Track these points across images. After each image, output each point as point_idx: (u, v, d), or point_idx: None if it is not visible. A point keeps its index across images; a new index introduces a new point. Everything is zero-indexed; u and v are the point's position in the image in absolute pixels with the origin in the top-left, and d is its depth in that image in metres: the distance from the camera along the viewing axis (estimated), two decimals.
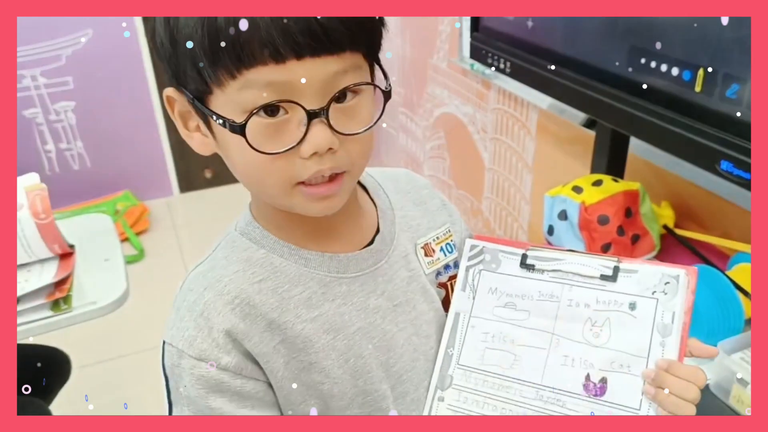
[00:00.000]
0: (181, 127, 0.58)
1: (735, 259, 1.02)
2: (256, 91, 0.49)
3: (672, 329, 0.58)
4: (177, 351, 0.57)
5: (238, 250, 0.61)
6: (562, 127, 1.56)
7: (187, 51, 0.49)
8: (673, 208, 1.18)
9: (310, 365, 0.60)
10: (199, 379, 0.57)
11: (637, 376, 0.58)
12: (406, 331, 0.65)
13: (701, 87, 0.79)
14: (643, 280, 0.60)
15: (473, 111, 1.95)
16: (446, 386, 0.64)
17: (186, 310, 0.59)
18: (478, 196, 2.06)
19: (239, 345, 0.57)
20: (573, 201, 1.08)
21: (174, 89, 0.55)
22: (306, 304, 0.60)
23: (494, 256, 0.67)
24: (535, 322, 0.63)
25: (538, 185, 1.72)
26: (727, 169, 0.77)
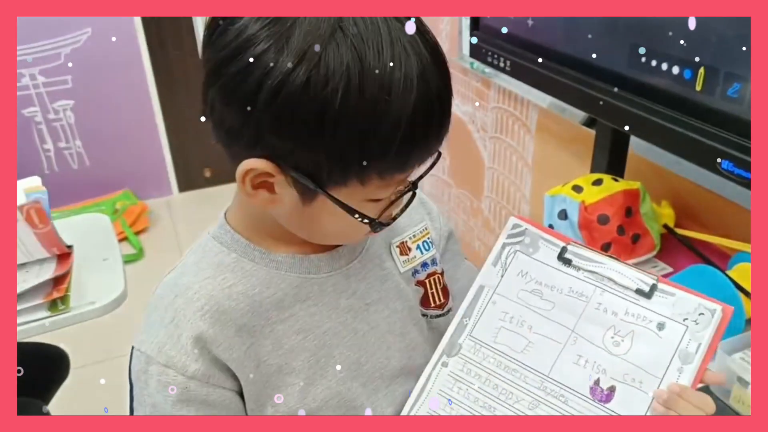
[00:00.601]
0: (247, 188, 0.53)
1: (735, 258, 1.02)
2: (390, 187, 0.54)
3: (694, 358, 0.58)
4: (145, 357, 0.58)
5: (210, 255, 0.61)
6: (563, 126, 1.55)
7: (354, 152, 0.48)
8: (673, 207, 1.18)
9: (280, 367, 0.60)
10: (166, 386, 0.56)
11: (646, 393, 0.58)
12: (379, 330, 0.65)
13: (702, 86, 0.79)
14: (678, 305, 0.60)
15: (473, 110, 1.95)
16: (453, 353, 0.64)
17: (157, 316, 0.59)
18: (478, 196, 2.05)
19: (207, 352, 0.57)
20: (573, 200, 1.07)
21: (271, 163, 0.50)
22: (277, 306, 0.61)
23: (534, 241, 0.66)
24: (558, 315, 0.63)
25: (538, 184, 1.71)
26: (728, 168, 0.77)
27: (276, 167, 0.51)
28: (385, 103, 0.47)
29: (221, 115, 0.50)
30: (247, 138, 0.50)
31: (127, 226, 2.67)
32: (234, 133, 0.51)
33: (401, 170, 0.52)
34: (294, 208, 0.55)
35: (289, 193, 0.53)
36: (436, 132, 0.52)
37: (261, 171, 0.51)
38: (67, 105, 2.69)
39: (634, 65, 0.89)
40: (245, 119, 0.48)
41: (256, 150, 0.50)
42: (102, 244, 1.23)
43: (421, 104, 0.48)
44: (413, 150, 0.50)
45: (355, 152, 0.48)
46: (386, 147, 0.48)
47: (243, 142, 0.50)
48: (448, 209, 2.30)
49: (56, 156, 2.77)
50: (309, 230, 0.59)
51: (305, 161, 0.50)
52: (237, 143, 0.51)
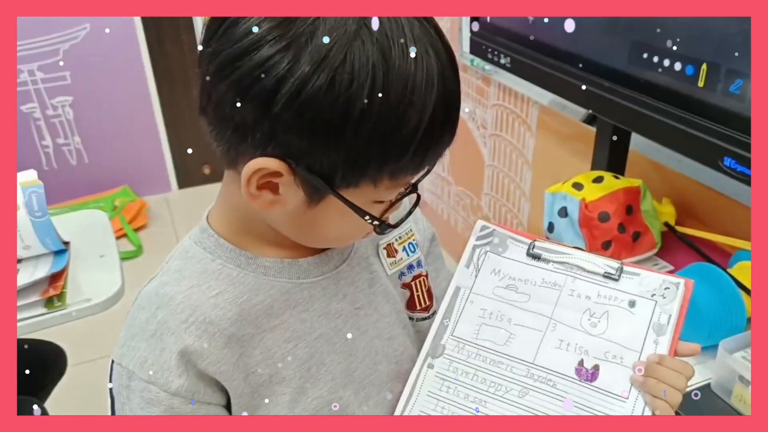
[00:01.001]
0: (252, 188, 0.51)
1: (737, 256, 1.01)
2: (397, 189, 0.54)
3: (667, 330, 0.61)
4: (127, 372, 0.55)
5: (192, 262, 0.58)
6: (563, 124, 1.55)
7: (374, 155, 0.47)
8: (674, 205, 1.17)
9: (270, 377, 0.58)
10: (150, 403, 0.54)
11: (628, 367, 0.61)
12: (367, 335, 0.64)
13: (704, 82, 0.78)
14: (644, 283, 0.64)
15: (473, 107, 1.94)
16: (437, 354, 0.65)
17: (138, 329, 0.56)
18: (478, 193, 2.05)
19: (192, 366, 0.54)
20: (573, 198, 1.07)
21: (282, 163, 0.48)
22: (267, 313, 0.58)
23: (502, 241, 0.69)
24: (535, 305, 0.65)
25: (538, 182, 1.71)
26: (730, 166, 0.76)
27: (287, 167, 0.48)
28: (409, 103, 0.46)
29: (231, 111, 0.47)
30: (261, 136, 0.47)
31: (126, 223, 2.66)
32: (244, 130, 0.48)
33: (414, 171, 0.52)
34: (296, 210, 0.53)
35: (294, 194, 0.51)
36: (450, 133, 0.51)
37: (271, 171, 0.49)
38: (66, 101, 2.68)
39: (635, 61, 0.88)
40: (260, 116, 0.46)
41: (268, 149, 0.48)
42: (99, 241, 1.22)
43: (440, 105, 0.48)
44: (429, 151, 0.50)
45: (375, 153, 0.47)
46: (405, 148, 0.48)
47: (254, 140, 0.48)
48: (447, 207, 2.30)
49: (55, 152, 2.75)
50: (307, 233, 0.57)
51: (321, 162, 0.48)
52: (245, 141, 0.48)
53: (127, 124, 2.81)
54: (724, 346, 0.84)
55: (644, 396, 0.59)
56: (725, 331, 0.88)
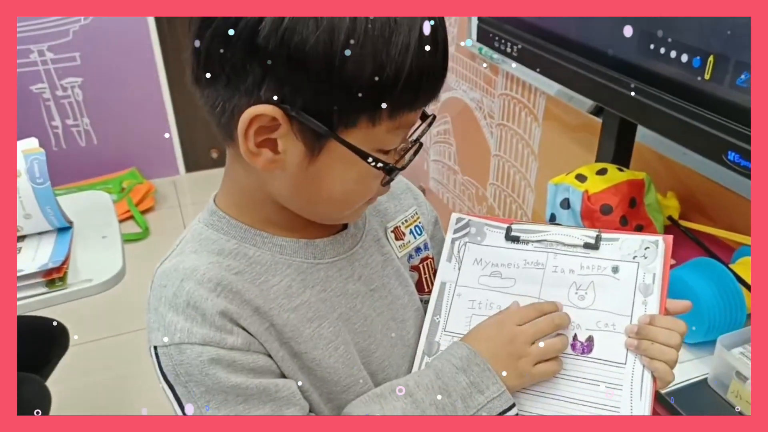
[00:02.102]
0: (250, 143, 0.50)
1: (740, 252, 1.01)
2: (401, 131, 0.53)
3: (653, 289, 0.62)
4: (175, 347, 0.52)
5: (207, 243, 0.58)
6: (570, 114, 1.53)
7: (366, 82, 0.47)
8: (679, 198, 1.16)
9: (302, 354, 0.58)
10: (211, 362, 0.52)
11: (621, 333, 0.61)
12: (383, 316, 0.64)
13: (711, 74, 0.77)
14: (624, 247, 0.64)
15: (480, 96, 1.93)
16: (433, 352, 0.65)
17: (168, 305, 0.54)
18: (483, 183, 2.04)
19: (236, 323, 0.54)
20: (576, 189, 1.06)
21: (277, 108, 0.48)
22: (286, 294, 0.58)
23: (479, 230, 0.69)
24: (521, 288, 0.65)
25: (543, 173, 1.70)
26: (734, 160, 0.75)
27: (283, 114, 0.48)
28: (396, 25, 0.46)
29: (221, 58, 0.47)
30: (252, 79, 0.47)
31: (133, 205, 2.67)
32: (235, 79, 0.48)
33: (411, 106, 0.51)
34: (297, 170, 0.52)
35: (294, 148, 0.51)
36: (442, 65, 0.51)
37: (267, 118, 0.48)
38: (75, 82, 2.69)
39: (642, 52, 0.87)
40: (247, 55, 0.46)
41: (261, 93, 0.48)
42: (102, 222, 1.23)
43: (429, 33, 0.48)
44: (421, 82, 0.49)
45: (366, 83, 0.47)
46: (396, 76, 0.47)
47: (245, 86, 0.48)
48: (453, 196, 2.29)
49: (64, 133, 2.77)
50: (312, 198, 0.55)
51: (315, 100, 0.48)
52: (238, 91, 0.48)
53: (135, 107, 2.82)
54: (722, 342, 0.84)
55: (641, 359, 0.59)
56: (725, 326, 0.88)
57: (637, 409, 0.58)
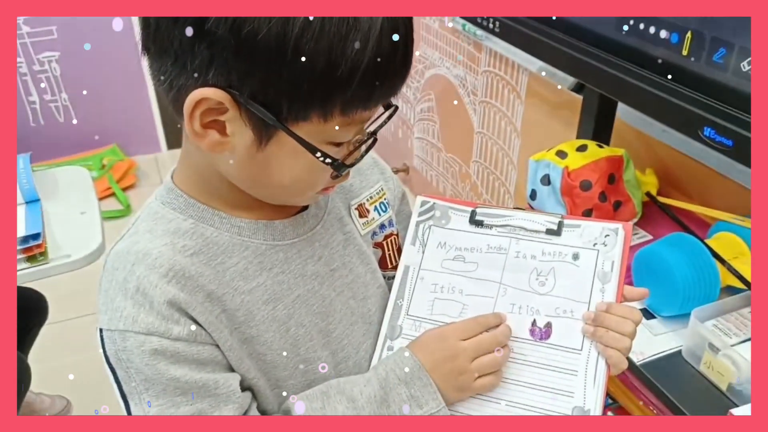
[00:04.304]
0: (195, 124, 0.49)
1: (715, 227, 1.02)
2: (353, 128, 0.52)
3: (611, 276, 0.63)
4: (119, 333, 0.52)
5: (163, 222, 0.56)
6: (552, 91, 1.54)
7: (319, 78, 0.45)
8: (658, 175, 1.18)
9: (252, 338, 0.58)
10: (153, 354, 0.52)
11: (579, 320, 0.62)
12: (343, 295, 0.64)
13: (688, 50, 0.78)
14: (585, 234, 0.65)
15: (464, 73, 1.92)
16: (396, 336, 0.66)
17: (118, 289, 0.54)
18: (467, 161, 2.04)
19: (185, 313, 0.53)
20: (556, 166, 1.07)
21: (225, 93, 0.47)
22: (242, 276, 0.57)
23: (444, 213, 0.69)
24: (484, 272, 0.66)
25: (525, 150, 1.71)
26: (710, 136, 0.76)
27: (231, 99, 0.47)
28: (354, 21, 0.45)
29: (169, 34, 0.46)
30: (200, 61, 0.46)
31: (114, 182, 2.64)
32: (183, 57, 0.46)
33: (365, 105, 0.50)
34: (246, 155, 0.51)
35: (242, 133, 0.49)
36: (402, 63, 0.49)
37: (214, 101, 0.47)
38: (53, 56, 2.64)
39: (621, 28, 0.87)
40: (196, 35, 0.45)
41: (209, 77, 0.46)
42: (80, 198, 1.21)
43: (388, 29, 0.47)
44: (377, 81, 0.48)
45: (319, 77, 0.45)
46: (351, 74, 0.46)
47: (193, 66, 0.46)
48: (437, 174, 2.30)
49: (42, 109, 2.72)
50: (262, 182, 0.54)
51: (264, 90, 0.46)
52: (186, 70, 0.47)
53: (115, 82, 2.77)
54: (696, 315, 0.86)
55: (597, 346, 0.61)
56: (699, 299, 0.89)
57: (590, 394, 0.60)
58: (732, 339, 0.85)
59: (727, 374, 0.82)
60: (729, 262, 0.91)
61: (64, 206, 1.16)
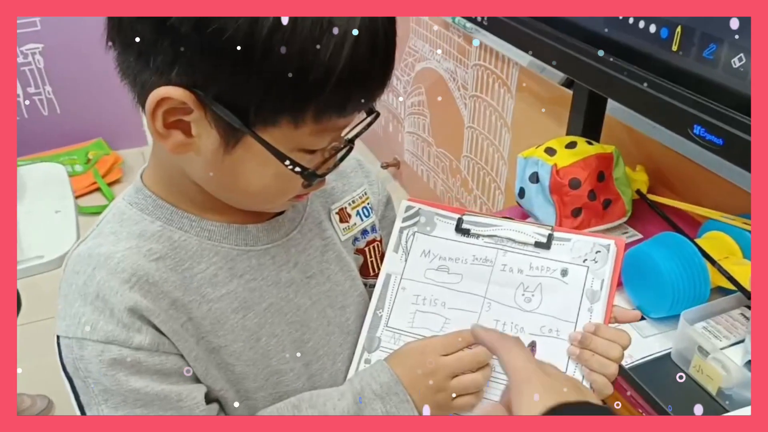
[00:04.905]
0: (158, 124, 0.46)
1: (705, 226, 1.01)
2: (327, 135, 0.49)
3: (600, 295, 0.60)
4: (77, 341, 0.50)
5: (129, 224, 0.54)
6: (542, 86, 1.51)
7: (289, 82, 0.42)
8: (648, 172, 1.16)
9: (220, 348, 0.55)
10: (112, 364, 0.49)
11: (565, 340, 0.60)
12: (320, 304, 0.62)
13: (678, 45, 0.75)
14: (575, 248, 0.62)
15: (454, 67, 1.89)
16: (373, 348, 0.63)
17: (77, 294, 0.51)
18: (457, 155, 2.02)
19: (148, 321, 0.51)
20: (545, 163, 1.04)
21: (189, 93, 0.44)
22: (211, 282, 0.55)
23: (429, 219, 0.66)
24: (468, 285, 0.63)
25: (516, 145, 1.68)
26: (700, 134, 0.74)
27: (195, 99, 0.44)
28: (328, 24, 0.42)
29: (132, 29, 0.43)
30: (163, 58, 0.43)
31: (99, 177, 2.61)
32: (146, 52, 0.44)
33: (339, 112, 0.47)
34: (212, 158, 0.48)
35: (207, 135, 0.47)
36: (380, 69, 0.47)
37: (177, 101, 0.44)
38: (36, 48, 2.59)
39: (610, 22, 0.85)
40: (159, 31, 0.42)
41: (172, 75, 0.43)
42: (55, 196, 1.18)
43: (366, 33, 0.43)
44: (353, 86, 0.45)
45: (290, 82, 0.42)
46: (325, 78, 0.43)
47: (156, 64, 0.44)
48: (427, 168, 2.27)
49: (26, 102, 2.68)
50: (229, 187, 0.52)
51: (231, 92, 0.44)
52: (148, 67, 0.44)
53: (101, 74, 2.71)
54: (685, 317, 0.84)
55: (581, 369, 0.58)
56: (688, 301, 0.88)
57: None
58: (722, 342, 0.84)
59: (716, 378, 0.80)
60: (719, 263, 0.89)
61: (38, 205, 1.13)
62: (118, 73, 0.48)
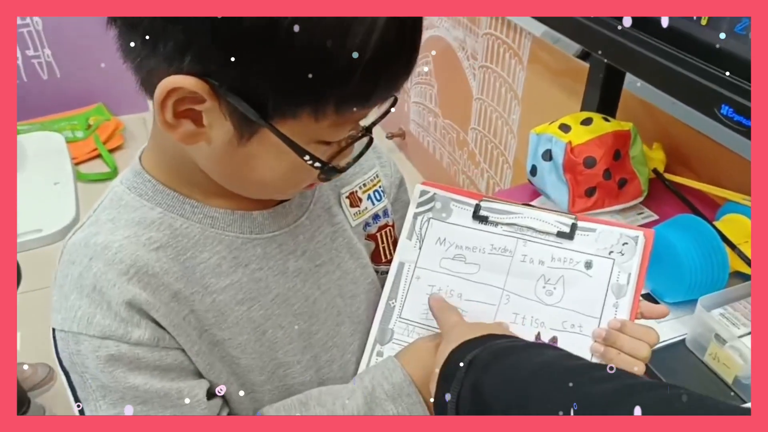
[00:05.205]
0: (168, 115, 0.43)
1: (725, 208, 0.97)
2: (347, 126, 0.46)
3: (626, 290, 0.57)
4: (73, 335, 0.48)
5: (127, 210, 0.51)
6: (556, 58, 1.46)
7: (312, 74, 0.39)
8: (666, 150, 1.12)
9: (224, 341, 0.53)
10: (109, 360, 0.47)
11: (588, 336, 0.57)
12: (329, 293, 0.59)
13: (708, 19, 0.71)
14: (600, 239, 0.59)
15: (463, 35, 1.84)
16: (386, 341, 0.61)
17: (73, 285, 0.49)
18: (465, 127, 1.98)
19: (147, 315, 0.48)
20: (559, 140, 1.01)
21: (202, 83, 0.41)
22: (214, 273, 0.52)
23: (445, 205, 0.63)
24: (486, 276, 0.60)
25: (526, 119, 1.64)
26: (727, 114, 0.70)
27: (209, 90, 0.41)
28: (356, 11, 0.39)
29: None
30: (173, 45, 0.40)
31: (100, 143, 2.57)
32: (153, 37, 0.40)
33: (363, 104, 0.44)
34: (223, 149, 0.45)
35: (220, 127, 0.44)
36: (407, 57, 0.44)
37: (188, 91, 0.41)
38: None
39: None
40: (170, 18, 0.39)
41: (183, 63, 0.40)
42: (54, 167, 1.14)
43: (394, 23, 0.41)
44: (380, 77, 0.42)
45: (314, 72, 0.39)
46: (350, 68, 0.40)
47: (165, 50, 0.40)
48: (433, 140, 2.23)
49: (24, 65, 2.61)
50: (239, 177, 0.49)
51: (248, 82, 0.40)
52: (156, 54, 0.41)
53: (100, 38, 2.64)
54: (702, 303, 0.82)
55: None
56: (706, 286, 0.85)
57: None
58: (740, 330, 0.81)
59: (733, 367, 0.78)
60: (738, 247, 0.87)
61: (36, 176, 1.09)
62: (120, 53, 0.44)
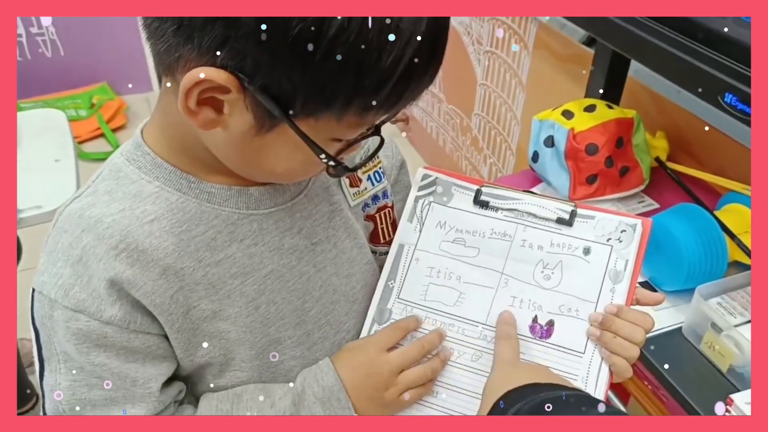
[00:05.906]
0: (191, 102, 0.43)
1: (726, 198, 0.97)
2: (362, 127, 0.47)
3: (623, 276, 0.58)
4: (49, 301, 0.49)
5: (125, 183, 0.51)
6: (562, 44, 1.45)
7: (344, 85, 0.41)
8: (669, 139, 1.11)
9: (214, 314, 0.53)
10: (77, 334, 0.49)
11: (584, 320, 0.58)
12: (325, 272, 0.59)
13: None
14: (599, 227, 0.60)
15: (469, 20, 1.82)
16: (384, 320, 0.61)
17: (60, 253, 0.50)
18: (468, 113, 1.97)
19: (126, 295, 0.49)
20: (562, 127, 1.00)
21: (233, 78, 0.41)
22: (209, 246, 0.52)
23: (447, 189, 0.63)
24: (485, 260, 0.61)
25: (530, 105, 1.63)
26: (731, 103, 0.70)
27: (238, 84, 0.41)
28: (396, 28, 0.40)
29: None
30: (211, 40, 0.40)
31: (103, 122, 2.56)
32: (191, 29, 0.40)
33: (386, 111, 0.46)
34: (239, 137, 0.46)
35: (240, 116, 0.44)
36: (433, 72, 0.45)
37: (217, 83, 0.41)
38: None
39: None
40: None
41: (217, 58, 0.40)
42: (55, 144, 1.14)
43: (428, 37, 0.42)
44: (408, 89, 0.44)
45: (347, 82, 0.41)
46: (383, 81, 0.41)
47: (201, 43, 0.40)
48: (437, 125, 2.22)
49: (28, 42, 2.60)
50: (250, 164, 0.50)
51: (280, 83, 0.41)
52: (190, 43, 0.41)
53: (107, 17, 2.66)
54: (700, 292, 0.82)
55: (601, 350, 0.57)
56: (705, 274, 0.85)
57: None
58: (736, 319, 0.81)
59: (728, 356, 0.78)
60: (738, 237, 0.86)
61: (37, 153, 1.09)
62: (144, 32, 0.44)
